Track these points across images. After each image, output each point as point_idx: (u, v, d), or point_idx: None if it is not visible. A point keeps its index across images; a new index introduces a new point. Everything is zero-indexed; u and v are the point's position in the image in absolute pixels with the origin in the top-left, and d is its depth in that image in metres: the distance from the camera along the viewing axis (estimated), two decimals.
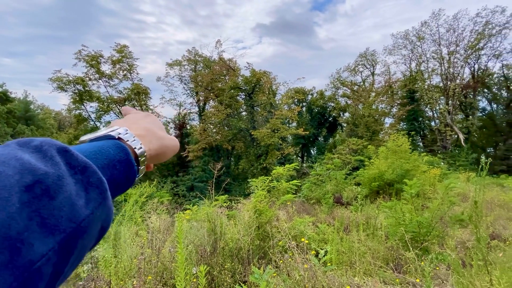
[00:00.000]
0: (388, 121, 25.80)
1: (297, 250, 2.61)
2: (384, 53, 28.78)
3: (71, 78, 19.86)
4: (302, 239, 3.24)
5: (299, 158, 30.90)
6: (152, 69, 44.86)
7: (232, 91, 22.28)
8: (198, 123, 25.35)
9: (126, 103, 22.16)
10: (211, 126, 23.20)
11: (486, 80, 24.61)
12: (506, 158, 21.71)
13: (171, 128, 27.10)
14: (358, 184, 11.27)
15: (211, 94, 24.00)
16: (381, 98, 26.07)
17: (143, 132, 0.43)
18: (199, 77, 24.44)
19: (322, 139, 32.17)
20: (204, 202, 4.05)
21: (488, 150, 24.75)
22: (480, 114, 25.87)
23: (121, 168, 0.35)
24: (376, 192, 10.35)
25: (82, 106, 21.37)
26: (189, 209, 4.61)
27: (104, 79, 21.45)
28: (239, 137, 22.09)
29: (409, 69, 27.69)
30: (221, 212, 3.90)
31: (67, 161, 0.27)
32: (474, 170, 13.88)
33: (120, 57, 21.31)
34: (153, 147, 0.43)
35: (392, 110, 26.25)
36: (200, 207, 4.49)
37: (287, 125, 25.22)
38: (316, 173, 11.92)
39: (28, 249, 0.21)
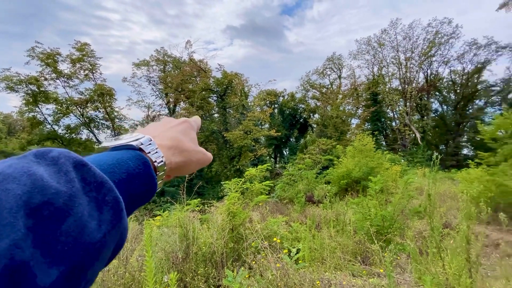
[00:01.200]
0: (355, 121, 27.26)
1: (270, 250, 2.64)
2: (349, 58, 30.40)
3: (22, 78, 17.96)
4: (274, 239, 3.29)
5: (272, 159, 31.32)
6: (117, 69, 42.40)
7: (203, 92, 21.92)
8: None
9: (89, 104, 20.68)
10: None
11: (437, 84, 27.16)
12: (455, 154, 24.14)
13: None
14: (328, 183, 11.72)
15: (182, 95, 23.39)
16: (348, 100, 27.49)
17: (169, 142, 0.41)
18: (168, 78, 23.69)
19: (294, 140, 32.99)
20: (175, 207, 3.92)
21: (440, 147, 27.29)
22: (433, 115, 28.45)
23: (140, 183, 0.33)
24: (344, 189, 10.86)
25: (37, 108, 19.42)
26: (159, 215, 4.43)
27: (62, 79, 19.76)
28: (212, 139, 21.80)
29: (372, 73, 29.57)
30: (194, 217, 3.82)
31: (82, 176, 0.25)
32: (429, 166, 15.21)
33: (80, 56, 19.80)
34: (175, 160, 0.41)
35: (357, 111, 27.79)
36: (172, 213, 4.34)
37: (260, 126, 25.45)
38: (289, 173, 12.19)
39: (30, 281, 0.19)
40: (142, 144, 0.36)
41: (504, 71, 24.28)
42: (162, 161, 0.37)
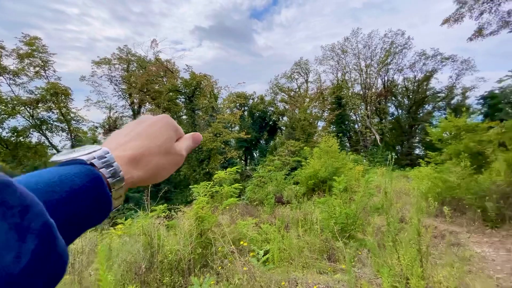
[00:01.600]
0: (321, 124, 28.49)
1: (237, 253, 2.62)
2: (315, 63, 31.76)
3: None
4: (242, 242, 3.27)
5: (242, 161, 31.31)
6: (74, 67, 39.04)
7: (170, 93, 21.20)
8: None
9: (40, 105, 18.73)
10: None
11: (393, 90, 29.58)
12: (409, 154, 26.44)
13: (99, 133, 24.12)
14: (296, 183, 12.02)
15: (147, 96, 22.35)
16: (314, 104, 28.66)
17: (131, 152, 0.36)
18: (132, 78, 22.48)
19: (264, 142, 33.41)
20: (139, 214, 3.71)
21: (397, 148, 29.72)
22: (390, 118, 30.89)
23: (88, 202, 0.29)
24: (312, 189, 11.23)
25: None
26: (121, 223, 4.15)
27: (8, 75, 17.66)
28: None
29: (336, 78, 31.22)
30: (159, 223, 3.64)
31: (3, 200, 0.21)
32: (389, 166, 16.46)
33: (30, 51, 17.88)
34: (137, 174, 0.36)
35: (323, 114, 29.08)
36: (135, 220, 4.10)
37: (230, 129, 25.33)
38: (259, 175, 12.27)
39: None
40: (94, 158, 0.32)
41: (447, 79, 27.35)
42: (118, 176, 0.33)
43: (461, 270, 2.70)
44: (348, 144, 29.99)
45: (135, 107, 24.28)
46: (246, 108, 34.44)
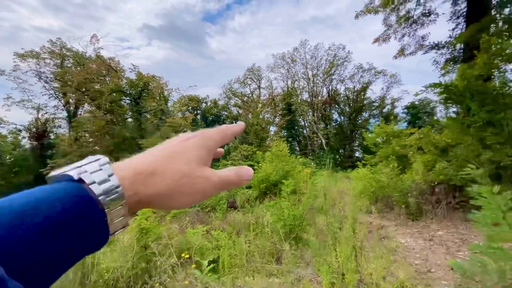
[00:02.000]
0: (273, 129, 29.47)
1: (180, 266, 2.51)
2: (267, 70, 32.91)
3: None
4: (183, 254, 3.15)
5: None
6: None
7: (114, 94, 19.43)
8: (67, 131, 20.56)
9: None
10: (87, 135, 19.33)
11: (336, 98, 32.41)
12: (350, 157, 29.18)
13: (23, 138, 20.69)
14: (249, 187, 12.16)
15: (86, 96, 20.07)
16: (267, 109, 29.56)
17: (141, 166, 0.29)
18: (68, 75, 19.95)
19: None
20: None
21: (340, 151, 32.49)
22: (334, 124, 33.71)
23: (74, 232, 0.22)
24: (264, 193, 11.48)
25: None
26: None
27: None
28: (125, 147, 19.44)
29: (286, 86, 32.81)
30: None
31: None
32: (332, 168, 17.91)
33: None
34: (146, 192, 0.28)
35: (275, 119, 30.17)
36: None
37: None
38: None
39: None
40: (85, 171, 0.26)
41: (380, 90, 31.21)
42: (116, 193, 0.26)
43: (388, 260, 3.07)
44: (297, 148, 31.64)
45: (71, 108, 21.59)
46: (199, 111, 33.65)
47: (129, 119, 21.33)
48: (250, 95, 33.87)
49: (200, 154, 0.33)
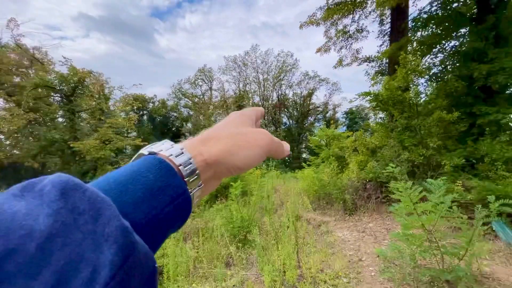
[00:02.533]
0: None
1: None
2: (219, 72, 32.65)
3: None
4: None
5: None
6: None
7: (39, 90, 16.80)
8: None
9: None
10: (1, 137, 16.27)
11: (285, 103, 34.01)
12: (298, 158, 30.90)
13: None
14: None
15: (0, 91, 16.88)
16: (219, 111, 29.29)
17: (201, 136, 0.33)
18: None
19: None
20: None
21: (290, 153, 34.08)
22: (283, 127, 35.28)
23: (166, 198, 0.25)
24: (215, 196, 11.34)
25: None
26: None
27: None
28: (53, 150, 16.97)
29: (238, 88, 33.05)
30: None
31: (74, 205, 0.19)
32: (282, 169, 18.67)
33: None
34: (208, 150, 0.31)
35: None
36: None
37: (124, 135, 22.38)
38: None
39: None
40: (161, 150, 0.29)
41: (323, 97, 33.89)
42: (190, 162, 0.29)
43: (326, 253, 3.33)
44: None
45: None
46: (145, 112, 31.45)
47: (59, 119, 18.72)
48: (201, 96, 33.12)
49: (243, 119, 0.38)
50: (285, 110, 34.25)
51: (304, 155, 31.17)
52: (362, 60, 11.92)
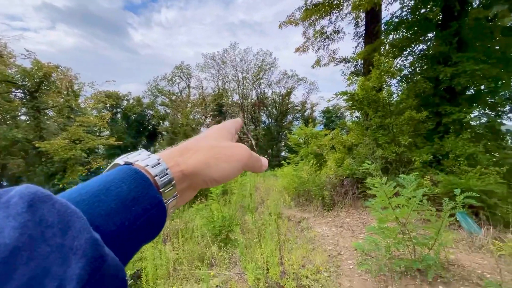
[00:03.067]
0: (204, 129, 28.91)
1: None
2: (197, 69, 32.02)
3: None
4: None
5: None
6: None
7: None
8: None
9: None
10: None
11: (265, 101, 34.20)
12: (277, 156, 31.28)
13: None
14: None
15: None
16: (197, 109, 28.74)
17: (179, 148, 0.33)
18: None
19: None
20: None
21: (269, 151, 34.40)
22: (263, 125, 35.49)
23: (140, 210, 0.25)
24: (195, 196, 11.16)
25: None
26: None
27: None
28: (15, 151, 15.66)
29: (217, 86, 32.67)
30: None
31: (41, 218, 0.18)
32: None
33: None
34: (185, 161, 0.31)
35: (206, 120, 29.66)
36: None
37: (97, 134, 21.24)
38: None
39: None
40: (137, 160, 0.29)
41: (302, 96, 34.56)
42: (166, 173, 0.29)
43: (307, 249, 3.41)
44: None
45: None
46: (119, 110, 30.05)
47: (22, 117, 17.30)
48: (179, 94, 32.29)
49: (222, 133, 0.39)
50: (264, 108, 34.46)
51: (283, 153, 31.61)
52: (339, 61, 12.30)
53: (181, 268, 3.74)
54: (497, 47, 7.24)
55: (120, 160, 0.30)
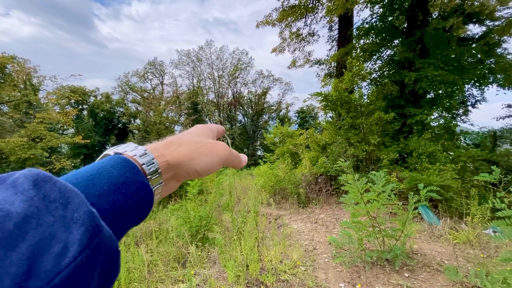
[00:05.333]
0: (178, 128, 28.10)
1: None
2: (171, 66, 31.07)
3: None
4: None
5: None
6: None
7: None
8: None
9: None
10: None
11: (240, 100, 34.16)
12: (253, 155, 31.45)
13: None
14: None
15: None
16: (171, 107, 27.84)
17: (165, 143, 0.36)
18: None
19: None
20: None
21: (245, 150, 34.45)
22: (239, 124, 35.44)
23: (129, 192, 0.28)
24: (169, 196, 10.82)
25: None
26: None
27: None
28: None
29: (192, 84, 31.96)
30: None
31: (45, 194, 0.21)
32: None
33: None
34: (171, 153, 0.34)
35: (180, 118, 28.88)
36: None
37: (60, 132, 19.72)
38: None
39: None
40: (126, 151, 0.32)
41: (277, 96, 35.05)
42: (153, 162, 0.32)
43: (284, 245, 3.49)
44: None
45: None
46: (85, 106, 28.13)
47: None
48: (152, 91, 31.04)
49: (205, 131, 0.42)
50: (240, 107, 34.42)
51: (259, 152, 31.86)
52: (314, 62, 12.68)
53: (156, 270, 3.63)
54: (453, 56, 7.97)
55: (110, 151, 0.32)
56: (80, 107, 27.36)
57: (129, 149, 0.32)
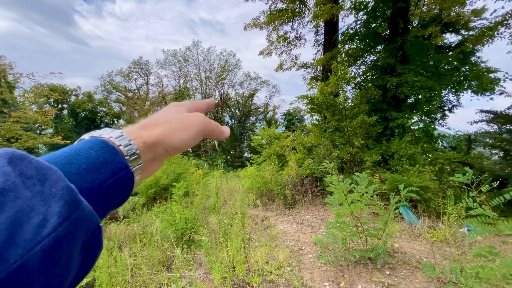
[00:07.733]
0: None
1: None
2: (157, 66, 30.51)
3: None
4: None
5: None
6: None
7: None
8: None
9: None
10: None
11: (228, 102, 34.06)
12: (240, 157, 31.40)
13: None
14: (135, 194, 10.89)
15: None
16: (156, 108, 27.32)
17: (141, 125, 0.36)
18: None
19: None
20: None
21: (231, 152, 34.33)
22: (226, 126, 35.31)
23: (109, 172, 0.28)
24: (153, 198, 10.58)
25: None
26: None
27: None
28: None
29: (178, 85, 31.52)
30: None
31: (21, 171, 0.21)
32: (224, 168, 18.69)
33: None
34: (147, 133, 0.34)
35: None
36: None
37: (37, 132, 18.83)
38: None
39: None
40: (102, 134, 0.31)
41: (264, 98, 35.26)
42: (130, 143, 0.31)
43: (270, 246, 3.52)
44: (190, 149, 30.98)
45: None
46: (65, 105, 27.05)
47: None
48: (136, 91, 30.34)
49: (179, 108, 0.41)
50: (228, 109, 34.31)
51: (246, 154, 31.84)
52: (300, 66, 12.89)
53: (140, 274, 3.55)
54: (432, 62, 8.37)
55: (86, 135, 0.32)
56: (60, 106, 26.29)
57: (105, 133, 0.32)
